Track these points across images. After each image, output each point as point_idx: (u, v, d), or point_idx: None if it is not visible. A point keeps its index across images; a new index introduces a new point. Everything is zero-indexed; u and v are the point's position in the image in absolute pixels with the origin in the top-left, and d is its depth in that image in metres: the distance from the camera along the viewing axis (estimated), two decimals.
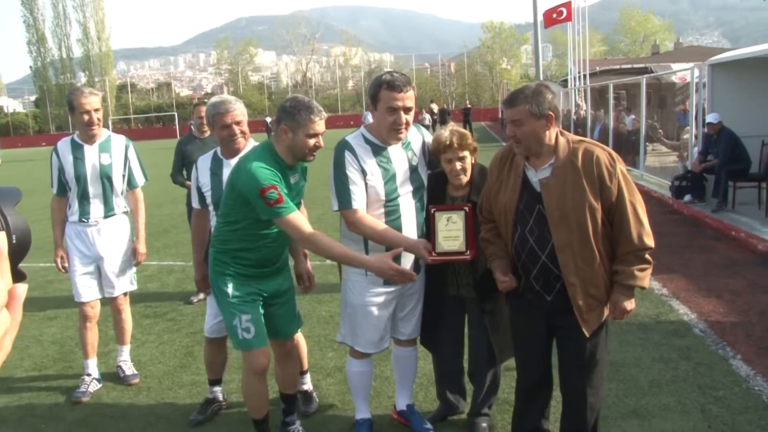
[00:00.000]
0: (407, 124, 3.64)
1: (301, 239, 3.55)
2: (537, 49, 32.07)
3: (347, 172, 3.60)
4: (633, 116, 19.13)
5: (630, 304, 3.24)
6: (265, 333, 3.78)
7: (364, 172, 3.61)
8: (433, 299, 3.95)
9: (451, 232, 3.58)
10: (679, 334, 5.68)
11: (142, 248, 5.26)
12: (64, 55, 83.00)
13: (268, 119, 53.76)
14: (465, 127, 25.81)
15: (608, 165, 3.16)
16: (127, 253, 5.20)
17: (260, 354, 3.75)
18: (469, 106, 41.24)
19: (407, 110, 3.61)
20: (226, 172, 4.08)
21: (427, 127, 17.89)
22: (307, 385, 4.67)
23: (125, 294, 5.30)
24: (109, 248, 5.09)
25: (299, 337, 4.50)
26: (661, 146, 18.58)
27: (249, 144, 4.24)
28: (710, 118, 11.28)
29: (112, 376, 5.33)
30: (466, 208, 3.55)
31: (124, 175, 5.18)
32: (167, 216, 13.60)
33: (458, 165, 3.69)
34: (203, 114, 7.29)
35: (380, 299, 3.79)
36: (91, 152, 5.03)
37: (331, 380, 5.07)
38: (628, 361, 5.13)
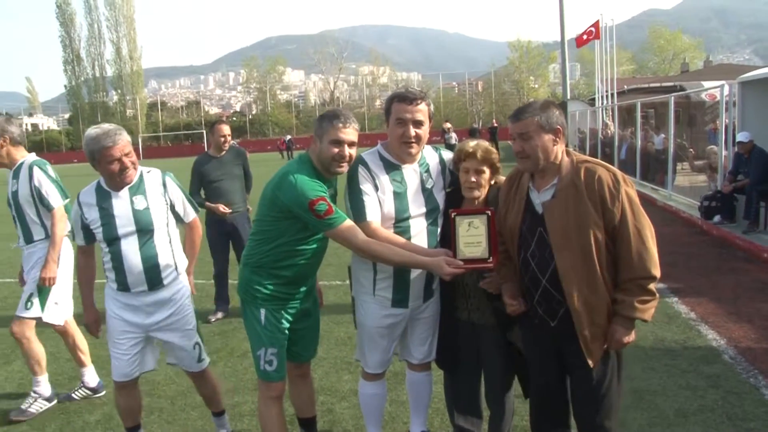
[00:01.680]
0: (418, 137, 3.55)
1: (357, 247, 3.45)
2: (564, 68, 31.94)
3: (361, 186, 3.54)
4: (663, 135, 18.85)
5: (628, 337, 3.09)
6: (285, 365, 3.78)
7: (376, 187, 3.54)
8: (444, 323, 3.85)
9: (473, 237, 3.39)
10: (708, 360, 5.48)
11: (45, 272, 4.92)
12: (98, 74, 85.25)
13: (288, 137, 54.26)
14: (492, 146, 25.55)
15: (611, 186, 3.03)
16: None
17: (278, 386, 3.77)
18: (495, 124, 41.10)
19: (417, 124, 3.53)
20: (116, 205, 3.92)
21: (452, 146, 17.76)
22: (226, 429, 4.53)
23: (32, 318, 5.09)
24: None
25: (214, 377, 4.48)
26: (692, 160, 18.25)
27: (137, 172, 4.02)
28: (741, 137, 11.06)
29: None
30: (489, 212, 3.38)
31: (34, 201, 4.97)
32: None
33: (473, 178, 3.57)
34: (225, 132, 7.27)
35: (387, 321, 3.72)
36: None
37: (345, 404, 4.95)
38: (653, 388, 4.94)
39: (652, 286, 3.04)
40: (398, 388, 4.90)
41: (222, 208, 7.13)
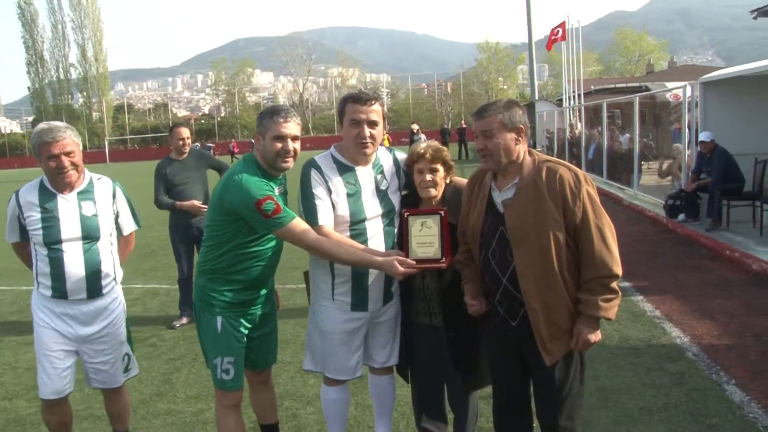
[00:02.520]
0: (372, 138, 3.54)
1: (309, 245, 3.40)
2: (532, 69, 32.27)
3: (313, 190, 3.51)
4: (628, 135, 19.05)
5: (594, 336, 3.08)
6: (243, 373, 3.74)
7: (329, 190, 3.52)
8: (404, 327, 3.83)
9: (426, 237, 3.40)
10: (672, 358, 5.52)
11: None
12: (62, 76, 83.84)
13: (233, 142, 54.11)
14: (461, 147, 25.80)
15: (572, 185, 3.03)
16: None
17: (235, 395, 3.72)
18: (464, 125, 40.99)
19: (372, 124, 3.52)
20: (62, 208, 3.78)
21: None
22: None
23: None
24: None
25: (128, 394, 4.36)
26: (661, 164, 18.47)
27: (86, 177, 3.93)
28: (703, 136, 11.19)
29: (87, 405, 5.14)
30: (441, 212, 3.41)
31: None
32: (156, 238, 13.42)
33: (428, 176, 3.57)
34: (183, 135, 7.18)
35: (349, 326, 3.68)
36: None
37: (311, 408, 4.90)
38: (618, 387, 4.97)
39: (615, 284, 3.04)
40: (363, 392, 4.85)
41: (195, 202, 7.02)
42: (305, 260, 3.80)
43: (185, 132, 7.22)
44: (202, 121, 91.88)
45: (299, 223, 3.39)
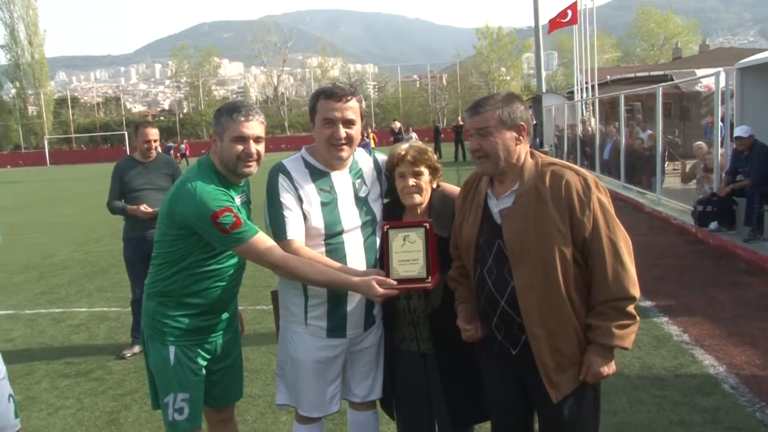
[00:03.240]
0: (349, 138, 3.52)
1: (273, 264, 3.35)
2: (538, 57, 32.38)
3: (281, 199, 3.47)
4: (650, 131, 19.09)
5: (607, 368, 3.03)
6: (200, 411, 3.68)
7: (300, 199, 3.48)
8: (389, 356, 3.79)
9: (409, 254, 3.36)
10: (704, 391, 5.46)
11: None
12: None
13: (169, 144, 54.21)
14: (457, 147, 25.79)
15: (581, 192, 2.99)
16: None
17: None
18: (461, 123, 41.00)
19: (348, 123, 3.50)
20: None
21: None
22: None
23: None
24: None
25: None
26: (683, 165, 18.51)
27: None
28: (740, 131, 11.15)
29: None
30: (426, 224, 3.37)
31: None
32: (106, 253, 13.33)
33: (411, 181, 3.56)
34: (150, 137, 7.07)
35: (325, 354, 3.64)
36: None
37: None
38: (639, 422, 4.92)
39: (632, 307, 2.99)
40: (341, 430, 4.79)
41: (144, 207, 6.91)
42: (277, 278, 3.72)
43: (153, 133, 7.13)
44: (161, 118, 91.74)
45: (263, 239, 3.35)
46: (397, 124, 34.82)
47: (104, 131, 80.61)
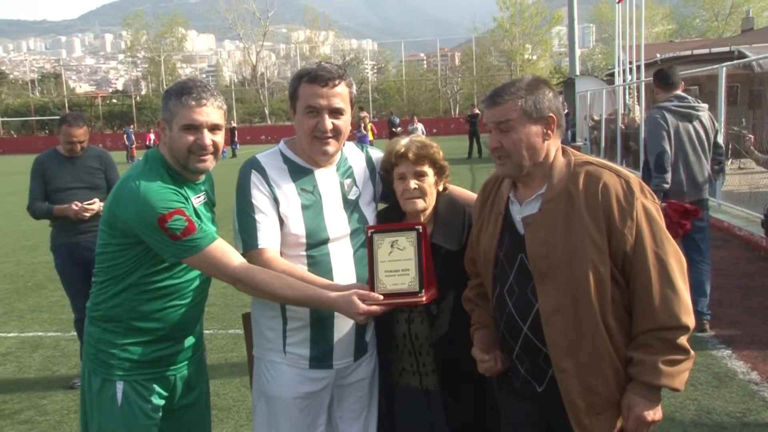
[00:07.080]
0: (336, 131, 3.54)
1: (233, 277, 3.35)
2: (572, 32, 32.35)
3: (252, 199, 3.50)
4: None
5: (653, 413, 2.98)
6: None
7: (276, 200, 3.49)
8: (385, 392, 3.82)
9: (398, 263, 3.34)
10: None
11: None
12: None
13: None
14: (472, 141, 25.98)
15: (622, 197, 2.98)
16: None
17: None
18: (476, 111, 40.85)
19: (335, 112, 3.54)
20: None
21: None
22: None
23: None
24: None
25: None
26: (752, 163, 18.48)
27: None
28: None
29: None
30: (419, 227, 3.37)
31: None
32: (43, 265, 13.28)
33: (413, 183, 3.58)
34: (75, 138, 6.98)
35: (307, 389, 3.65)
36: None
37: None
38: None
39: (684, 339, 2.94)
40: None
41: (75, 205, 6.85)
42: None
43: (79, 134, 7.05)
44: (114, 100, 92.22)
45: (221, 247, 3.35)
46: (365, 114, 33.91)
47: (41, 115, 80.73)
